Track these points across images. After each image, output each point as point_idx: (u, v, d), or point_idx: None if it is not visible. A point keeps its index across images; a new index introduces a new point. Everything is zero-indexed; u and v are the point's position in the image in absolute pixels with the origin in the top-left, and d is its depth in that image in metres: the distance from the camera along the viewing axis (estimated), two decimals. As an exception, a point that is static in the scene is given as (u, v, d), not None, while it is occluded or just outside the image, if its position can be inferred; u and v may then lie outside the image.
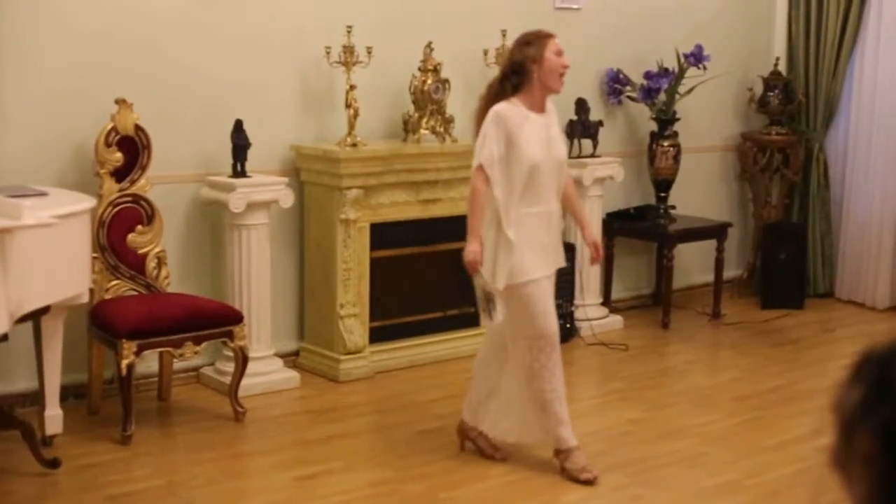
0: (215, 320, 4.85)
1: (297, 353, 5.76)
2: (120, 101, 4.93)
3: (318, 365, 5.65)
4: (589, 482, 4.24)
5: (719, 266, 7.02)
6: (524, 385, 4.30)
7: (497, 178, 4.13)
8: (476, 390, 4.51)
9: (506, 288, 4.17)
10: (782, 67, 7.54)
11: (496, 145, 4.14)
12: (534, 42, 4.23)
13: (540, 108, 4.27)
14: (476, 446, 4.54)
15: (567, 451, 4.31)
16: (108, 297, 4.92)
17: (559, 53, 4.23)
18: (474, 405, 4.51)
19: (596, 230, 4.74)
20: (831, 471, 1.28)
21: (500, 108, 4.19)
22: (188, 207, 5.38)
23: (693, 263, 7.38)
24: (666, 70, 6.76)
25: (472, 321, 6.13)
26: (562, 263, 4.43)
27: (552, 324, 4.27)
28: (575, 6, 6.68)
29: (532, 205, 4.21)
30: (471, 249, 4.13)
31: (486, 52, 6.06)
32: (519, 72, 4.20)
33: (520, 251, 4.16)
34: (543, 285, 4.26)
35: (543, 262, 4.26)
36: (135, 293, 5.00)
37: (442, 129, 5.79)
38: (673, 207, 6.99)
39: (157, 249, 5.07)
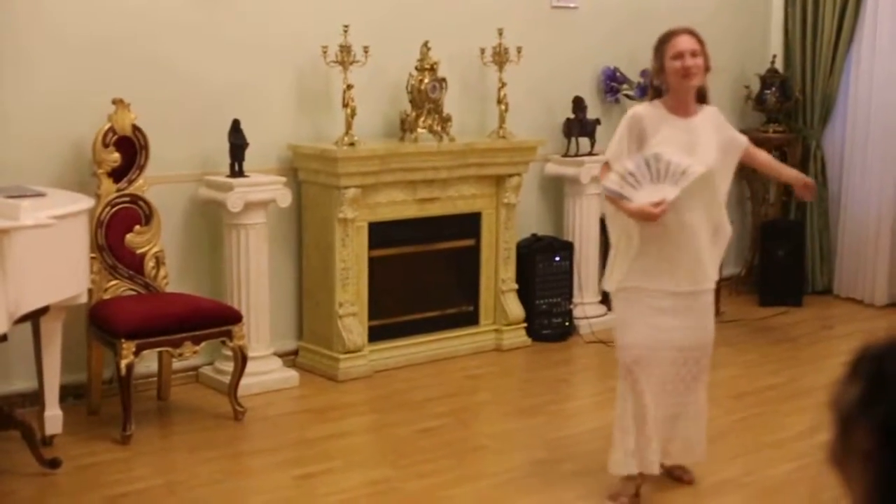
0: (214, 320, 4.85)
1: (295, 353, 5.77)
2: (117, 102, 4.93)
3: (317, 364, 5.65)
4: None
5: (717, 264, 7.02)
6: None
7: None
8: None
9: (616, 291, 4.04)
10: (779, 65, 7.55)
11: (625, 143, 3.96)
12: (657, 48, 4.01)
13: (683, 111, 3.99)
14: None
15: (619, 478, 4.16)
16: (106, 297, 4.92)
17: (677, 56, 3.92)
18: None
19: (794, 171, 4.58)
20: (829, 468, 1.29)
21: (637, 108, 4.07)
22: (186, 207, 5.38)
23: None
24: (663, 68, 6.76)
25: (470, 320, 6.15)
26: (700, 285, 4.01)
27: (638, 345, 3.99)
28: (571, 5, 6.68)
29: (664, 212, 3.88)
30: (643, 209, 3.82)
31: (482, 51, 6.06)
32: (657, 77, 4.03)
33: (640, 258, 3.95)
34: (655, 299, 3.97)
35: (664, 276, 3.95)
36: (133, 293, 5.00)
37: (439, 128, 5.79)
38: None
39: (155, 249, 5.08)
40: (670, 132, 3.94)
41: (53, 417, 4.48)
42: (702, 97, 4.10)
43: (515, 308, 6.19)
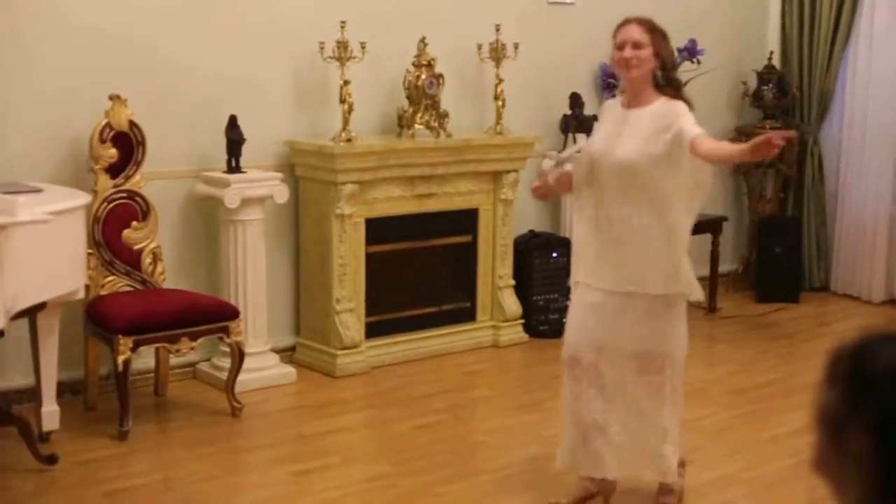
0: (211, 316, 4.85)
1: (293, 349, 5.77)
2: (114, 97, 4.93)
3: (314, 360, 5.65)
4: None
5: (715, 260, 7.02)
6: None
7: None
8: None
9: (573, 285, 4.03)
10: (776, 61, 7.54)
11: (594, 135, 3.99)
12: (613, 36, 3.87)
13: (633, 102, 3.81)
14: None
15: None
16: (103, 293, 4.92)
17: (620, 46, 3.79)
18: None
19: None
20: (817, 476, 1.27)
21: (607, 101, 4.14)
22: (183, 203, 5.38)
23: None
24: (660, 64, 6.75)
25: (467, 316, 6.15)
26: (622, 286, 3.77)
27: (573, 343, 3.85)
28: (568, 1, 6.67)
29: (591, 204, 3.87)
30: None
31: (479, 47, 6.06)
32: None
33: (580, 250, 3.95)
34: (581, 294, 3.89)
35: (590, 270, 3.86)
36: (130, 289, 5.00)
37: (436, 124, 5.79)
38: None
39: (152, 245, 5.07)
40: (606, 124, 3.90)
41: (50, 413, 4.48)
42: (671, 88, 3.82)
43: (512, 304, 6.19)
